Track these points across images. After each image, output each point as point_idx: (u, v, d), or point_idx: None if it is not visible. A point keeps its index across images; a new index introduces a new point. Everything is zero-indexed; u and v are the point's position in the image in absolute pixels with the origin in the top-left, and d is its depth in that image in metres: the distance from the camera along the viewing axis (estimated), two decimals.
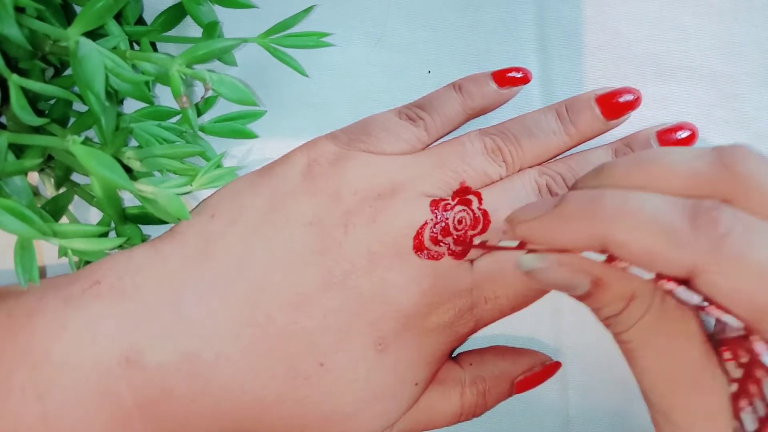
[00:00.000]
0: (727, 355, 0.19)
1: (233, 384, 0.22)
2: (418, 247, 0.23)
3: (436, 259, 0.24)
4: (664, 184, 0.18)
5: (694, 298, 0.17)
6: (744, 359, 0.19)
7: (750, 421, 0.18)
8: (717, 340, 0.20)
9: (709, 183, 0.18)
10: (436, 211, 0.24)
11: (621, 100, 0.26)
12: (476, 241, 0.24)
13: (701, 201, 0.17)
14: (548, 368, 0.26)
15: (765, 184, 0.17)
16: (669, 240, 0.17)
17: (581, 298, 0.20)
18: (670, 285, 0.17)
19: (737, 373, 0.19)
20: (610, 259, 0.18)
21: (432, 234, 0.23)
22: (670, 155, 0.19)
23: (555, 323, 0.27)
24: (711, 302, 0.17)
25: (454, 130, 0.26)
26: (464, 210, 0.24)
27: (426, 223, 0.24)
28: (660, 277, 0.18)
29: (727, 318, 0.17)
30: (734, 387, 0.19)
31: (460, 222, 0.24)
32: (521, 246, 0.20)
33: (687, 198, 0.18)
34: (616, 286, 0.19)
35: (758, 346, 0.17)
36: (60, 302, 0.22)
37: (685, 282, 0.17)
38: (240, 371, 0.22)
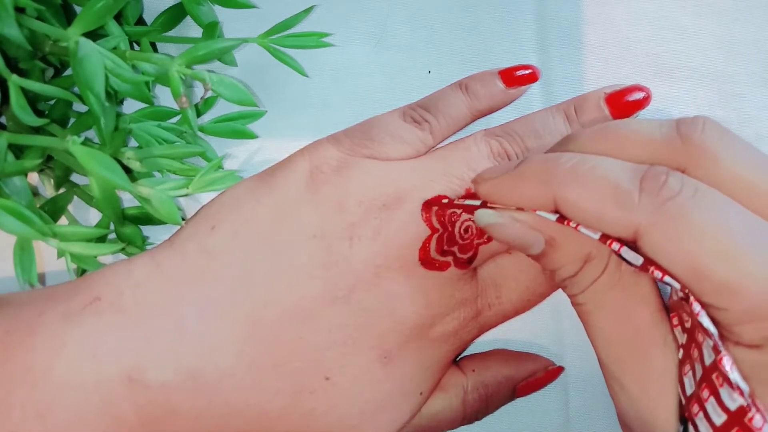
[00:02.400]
0: (674, 321, 0.20)
1: (238, 400, 0.22)
2: (425, 259, 0.23)
3: (442, 269, 0.23)
4: (623, 151, 0.19)
5: (637, 259, 0.17)
6: (688, 324, 0.19)
7: (690, 385, 0.18)
8: (667, 307, 0.20)
9: (665, 151, 0.18)
10: (442, 220, 0.23)
11: (630, 98, 0.25)
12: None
13: (652, 166, 0.18)
14: (550, 373, 0.26)
15: (718, 154, 0.18)
16: (615, 200, 0.17)
17: (537, 258, 0.21)
18: (615, 245, 0.18)
19: (683, 339, 0.19)
20: (561, 218, 0.19)
21: (438, 244, 0.23)
22: (632, 124, 0.19)
23: (555, 324, 0.27)
24: (653, 263, 0.17)
25: (460, 130, 0.26)
26: (470, 218, 0.23)
27: (432, 233, 0.23)
28: (606, 237, 0.18)
29: (667, 279, 0.17)
30: (680, 353, 0.19)
31: (466, 230, 0.23)
32: (483, 205, 0.21)
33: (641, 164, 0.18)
34: (570, 246, 0.20)
35: (695, 306, 0.17)
36: (60, 319, 0.21)
37: (632, 244, 0.18)
38: (244, 387, 0.22)
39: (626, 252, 0.18)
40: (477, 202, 0.21)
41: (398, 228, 0.23)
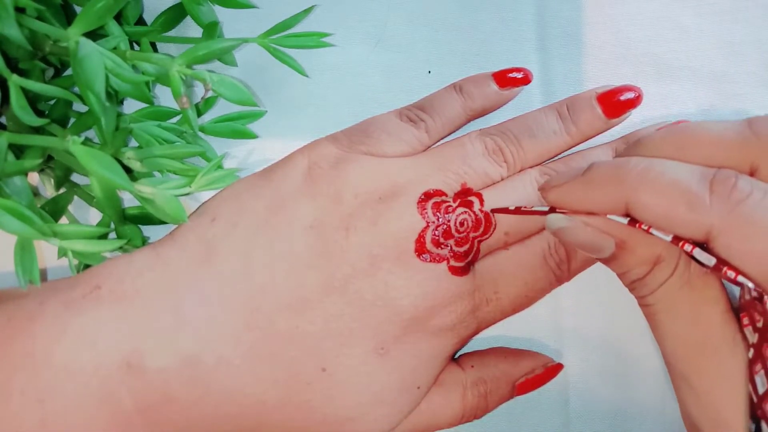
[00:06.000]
0: (745, 320, 0.20)
1: (234, 388, 0.22)
2: (420, 250, 0.23)
3: (438, 261, 0.23)
4: (695, 153, 0.19)
5: (710, 260, 0.18)
6: (759, 323, 0.19)
7: (762, 383, 0.19)
8: (737, 307, 0.20)
9: (739, 150, 0.19)
10: (437, 213, 0.24)
11: (622, 98, 0.26)
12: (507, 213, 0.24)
13: (722, 169, 0.18)
14: (550, 370, 0.26)
15: None
16: (687, 203, 0.18)
17: (607, 261, 0.21)
18: (688, 247, 0.18)
19: (754, 338, 0.19)
20: (633, 221, 0.19)
21: (434, 236, 0.23)
22: (705, 125, 0.20)
23: (555, 324, 0.27)
24: (726, 264, 0.18)
25: (456, 131, 0.26)
26: (466, 212, 0.24)
27: (428, 225, 0.23)
28: (678, 238, 0.18)
29: (741, 279, 0.17)
30: (751, 352, 0.19)
31: (462, 224, 0.24)
32: (552, 211, 0.21)
33: (713, 166, 0.18)
34: (641, 249, 0.20)
35: None
36: (60, 306, 0.22)
37: (703, 245, 0.18)
38: (241, 376, 0.22)
39: (699, 253, 0.18)
40: (545, 208, 0.21)
41: (394, 219, 0.23)
